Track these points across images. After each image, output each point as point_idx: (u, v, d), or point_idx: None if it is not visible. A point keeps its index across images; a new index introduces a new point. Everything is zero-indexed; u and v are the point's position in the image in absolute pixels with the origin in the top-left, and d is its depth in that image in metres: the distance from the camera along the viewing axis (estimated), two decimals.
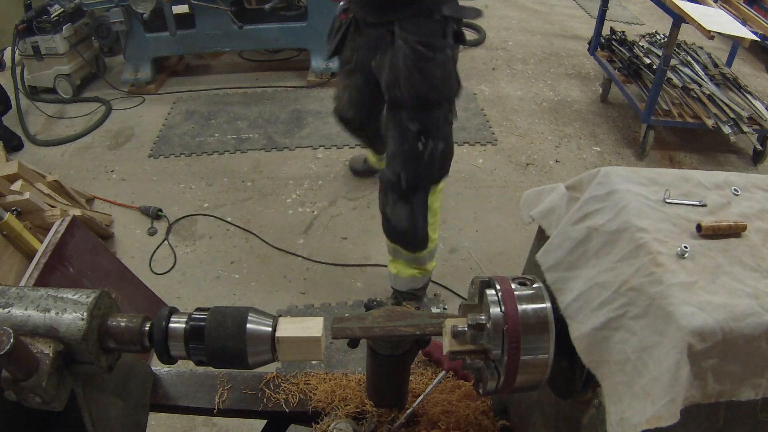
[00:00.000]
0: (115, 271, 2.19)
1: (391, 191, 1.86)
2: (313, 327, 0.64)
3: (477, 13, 1.88)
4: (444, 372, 0.92)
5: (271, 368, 0.99)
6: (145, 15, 3.69)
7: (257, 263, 2.46)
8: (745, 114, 3.29)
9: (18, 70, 3.77)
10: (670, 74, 3.54)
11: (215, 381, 0.94)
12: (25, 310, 0.61)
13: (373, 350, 0.75)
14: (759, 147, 3.42)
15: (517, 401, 0.87)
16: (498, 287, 0.61)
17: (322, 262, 2.46)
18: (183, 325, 0.63)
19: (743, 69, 4.57)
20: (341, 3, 2.01)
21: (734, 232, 0.59)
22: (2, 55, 4.37)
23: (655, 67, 3.53)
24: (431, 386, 0.89)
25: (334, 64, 3.69)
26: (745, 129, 3.24)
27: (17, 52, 3.71)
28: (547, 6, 5.68)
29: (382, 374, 0.81)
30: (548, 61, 4.54)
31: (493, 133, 3.58)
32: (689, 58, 3.83)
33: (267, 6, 3.49)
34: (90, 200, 2.98)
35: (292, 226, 2.72)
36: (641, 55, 3.81)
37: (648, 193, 0.62)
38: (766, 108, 3.35)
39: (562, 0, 5.87)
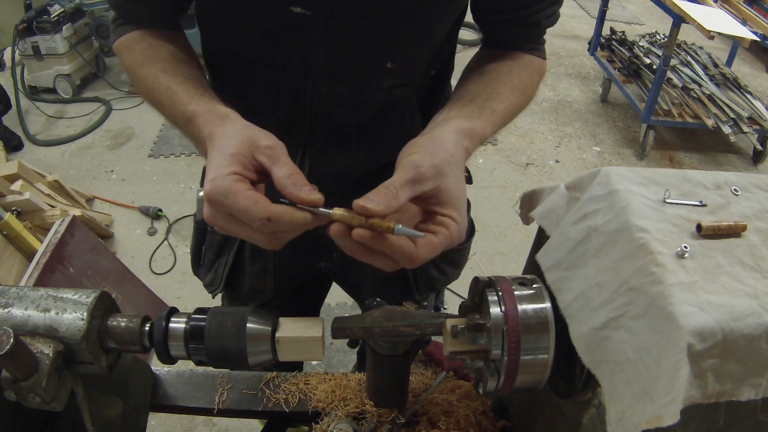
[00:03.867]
0: (115, 271, 2.19)
1: None
2: (313, 327, 0.64)
3: None
4: (444, 372, 0.93)
5: (271, 368, 0.99)
6: None
7: None
8: (745, 114, 3.29)
9: (18, 70, 3.77)
10: (670, 74, 3.54)
11: (215, 381, 0.94)
12: (25, 310, 0.61)
13: (373, 350, 0.75)
14: (759, 147, 3.42)
15: (517, 401, 0.87)
16: (498, 287, 0.61)
17: None
18: (183, 325, 0.63)
19: (743, 69, 4.57)
20: None
21: (734, 232, 0.59)
22: (2, 55, 4.37)
23: (655, 67, 3.53)
24: (431, 386, 0.89)
25: None
26: (745, 129, 3.24)
27: (17, 52, 3.71)
28: None
29: (382, 374, 0.81)
30: (548, 61, 4.54)
31: None
32: (689, 58, 3.83)
33: None
34: (90, 200, 2.98)
35: None
36: (641, 55, 3.81)
37: (648, 193, 0.62)
38: (766, 108, 3.35)
39: None
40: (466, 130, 0.70)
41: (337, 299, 2.32)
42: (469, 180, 1.01)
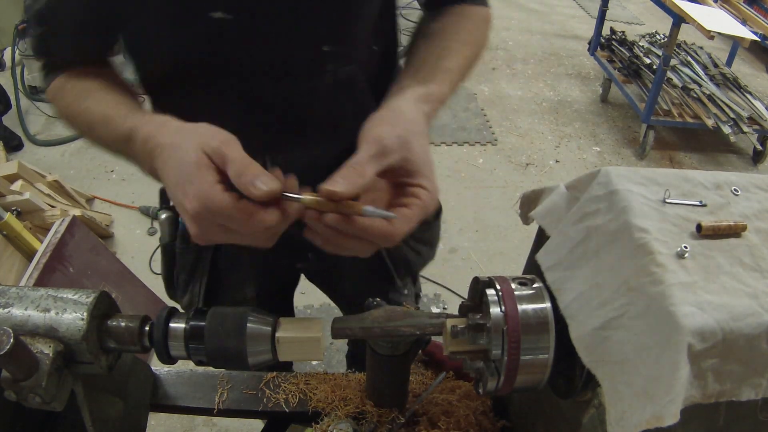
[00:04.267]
0: (115, 271, 2.19)
1: None
2: (313, 327, 0.64)
3: None
4: (444, 372, 0.92)
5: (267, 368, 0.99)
6: None
7: None
8: (745, 114, 3.29)
9: (18, 70, 3.76)
10: (670, 74, 3.54)
11: (215, 381, 0.94)
12: (25, 310, 0.61)
13: (373, 350, 0.75)
14: (759, 147, 3.42)
15: (517, 401, 0.87)
16: (498, 287, 0.61)
17: None
18: (183, 325, 0.63)
19: (743, 69, 4.57)
20: None
21: (734, 232, 0.59)
22: (2, 55, 4.37)
23: (655, 67, 3.53)
24: (431, 386, 0.89)
25: None
26: (745, 129, 3.24)
27: (17, 52, 3.71)
28: (547, 6, 5.68)
29: (382, 374, 0.81)
30: (548, 61, 4.54)
31: (493, 133, 3.59)
32: (689, 58, 3.83)
33: None
34: (90, 200, 2.97)
35: None
36: (641, 55, 3.81)
37: (648, 193, 0.62)
38: (766, 108, 3.35)
39: (562, 0, 5.87)
40: (424, 96, 0.69)
41: None
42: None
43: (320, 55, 0.79)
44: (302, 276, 1.18)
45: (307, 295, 2.32)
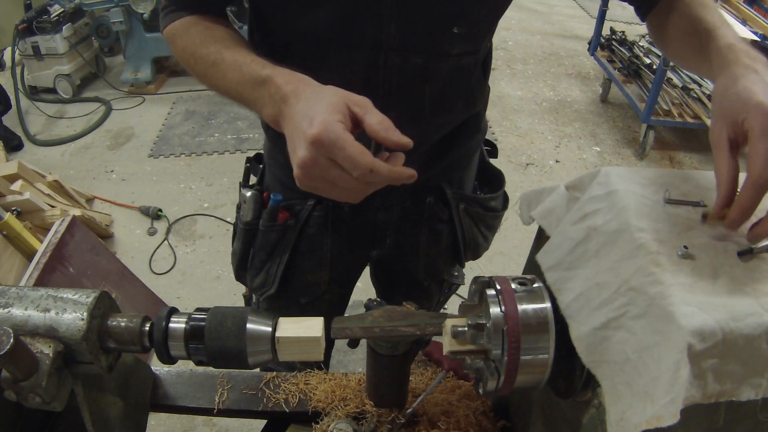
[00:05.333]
0: (115, 271, 2.20)
1: None
2: (313, 327, 0.64)
3: None
4: (444, 372, 0.92)
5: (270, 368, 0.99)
6: (145, 15, 3.69)
7: None
8: None
9: (18, 70, 3.77)
10: (670, 74, 3.54)
11: (215, 381, 0.94)
12: (25, 310, 0.61)
13: (373, 350, 0.75)
14: None
15: (517, 401, 0.87)
16: (498, 287, 0.61)
17: None
18: (183, 325, 0.63)
19: None
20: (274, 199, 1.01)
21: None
22: (2, 55, 4.37)
23: (655, 67, 3.53)
24: (431, 386, 0.89)
25: None
26: None
27: (17, 52, 3.71)
28: (547, 6, 5.69)
29: (382, 374, 0.81)
30: (548, 61, 4.54)
31: (493, 133, 3.59)
32: None
33: None
34: (90, 200, 2.98)
35: None
36: (641, 55, 3.81)
37: (648, 193, 0.62)
38: None
39: (562, 0, 5.87)
40: (742, 50, 0.67)
41: None
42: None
43: (451, 36, 0.83)
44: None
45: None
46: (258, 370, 0.96)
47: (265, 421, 0.94)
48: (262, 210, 1.01)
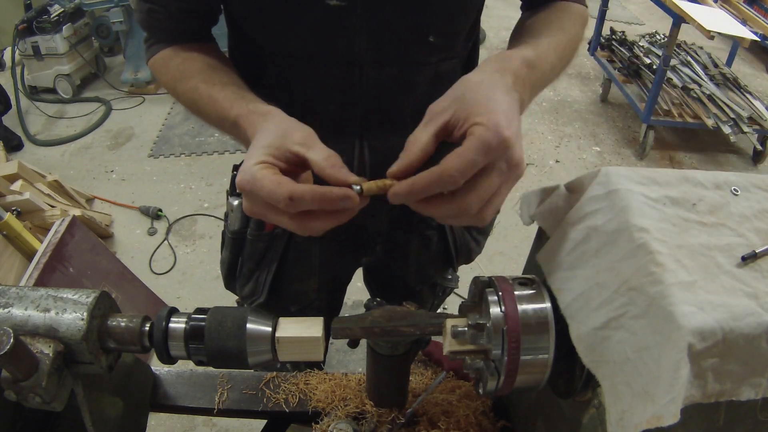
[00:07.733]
0: (115, 271, 2.20)
1: None
2: (313, 327, 0.64)
3: None
4: (444, 372, 0.92)
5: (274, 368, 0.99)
6: None
7: None
8: (745, 114, 3.29)
9: (18, 70, 3.77)
10: (670, 74, 3.54)
11: (215, 381, 0.94)
12: (25, 310, 0.61)
13: (373, 350, 0.75)
14: (759, 147, 3.42)
15: (517, 401, 0.87)
16: (498, 287, 0.61)
17: None
18: (183, 325, 0.63)
19: (743, 69, 4.57)
20: None
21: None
22: (2, 55, 4.37)
23: (655, 67, 3.53)
24: (431, 386, 0.89)
25: None
26: (745, 129, 3.24)
27: (17, 52, 3.71)
28: None
29: (382, 374, 0.81)
30: None
31: None
32: (689, 58, 3.83)
33: None
34: (90, 200, 2.98)
35: None
36: (641, 55, 3.81)
37: (648, 192, 0.62)
38: (766, 108, 3.35)
39: None
40: (494, 57, 0.66)
41: None
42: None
43: (427, 46, 0.81)
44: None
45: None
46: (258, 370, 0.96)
47: (265, 421, 0.94)
48: (250, 219, 1.00)
